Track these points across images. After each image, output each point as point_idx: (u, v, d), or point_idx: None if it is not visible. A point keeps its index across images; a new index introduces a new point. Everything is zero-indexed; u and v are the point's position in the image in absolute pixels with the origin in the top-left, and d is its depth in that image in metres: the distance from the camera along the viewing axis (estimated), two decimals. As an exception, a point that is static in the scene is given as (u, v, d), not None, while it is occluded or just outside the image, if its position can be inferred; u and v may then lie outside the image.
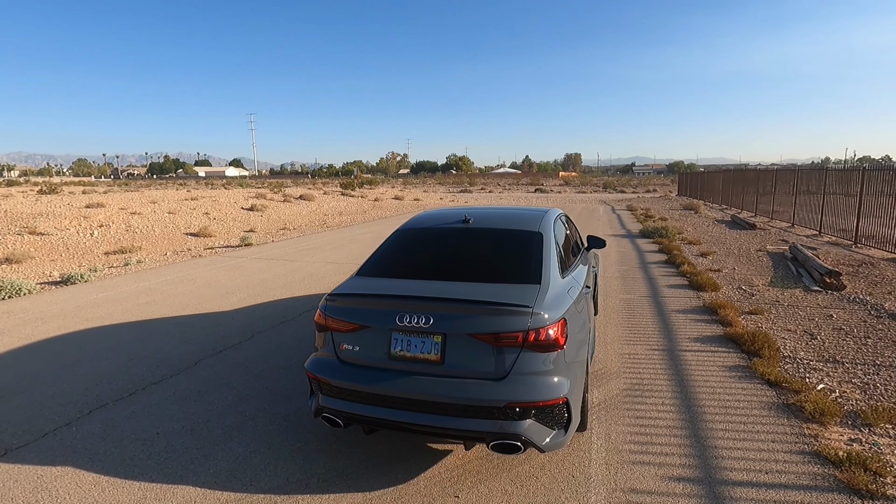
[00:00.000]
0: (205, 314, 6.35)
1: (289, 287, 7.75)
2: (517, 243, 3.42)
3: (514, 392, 2.57)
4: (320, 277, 8.42)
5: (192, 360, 4.79)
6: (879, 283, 7.87)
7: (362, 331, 2.87)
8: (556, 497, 2.73)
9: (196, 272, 9.06)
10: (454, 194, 38.73)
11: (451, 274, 3.19)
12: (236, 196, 24.34)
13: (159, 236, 13.85)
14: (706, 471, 2.93)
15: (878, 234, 11.52)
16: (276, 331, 5.65)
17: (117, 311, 6.52)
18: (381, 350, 2.83)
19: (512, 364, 2.63)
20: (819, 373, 4.35)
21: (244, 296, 7.25)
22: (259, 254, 11.04)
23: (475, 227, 3.65)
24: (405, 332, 2.77)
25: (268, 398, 3.99)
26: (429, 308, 2.75)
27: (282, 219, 19.08)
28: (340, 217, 20.24)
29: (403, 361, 2.77)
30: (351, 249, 11.39)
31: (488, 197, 35.20)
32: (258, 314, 6.31)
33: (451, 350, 2.70)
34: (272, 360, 4.79)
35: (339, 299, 3.01)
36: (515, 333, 2.62)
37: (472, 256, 3.39)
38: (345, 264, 9.56)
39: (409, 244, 3.66)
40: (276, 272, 8.91)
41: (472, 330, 2.66)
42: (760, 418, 3.53)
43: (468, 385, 2.63)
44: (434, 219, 3.97)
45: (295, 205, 23.33)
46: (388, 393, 2.73)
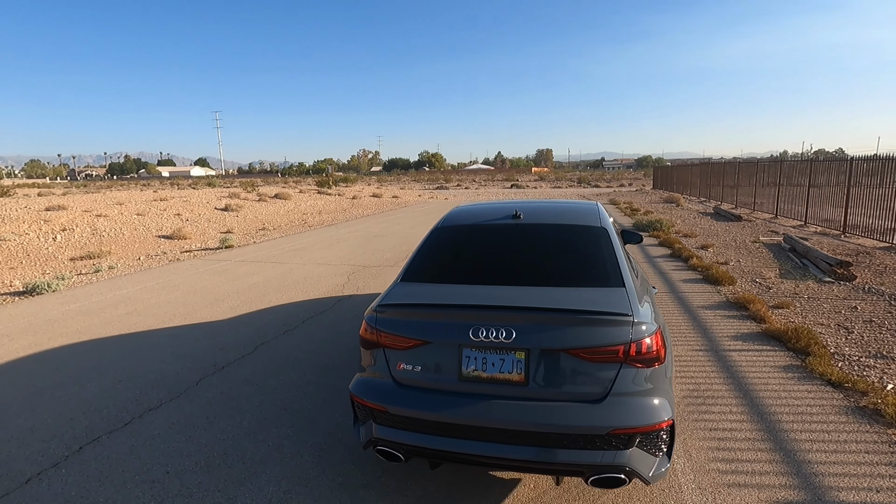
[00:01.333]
0: (197, 324, 5.75)
1: (284, 292, 7.18)
2: (582, 241, 3.03)
3: (617, 416, 2.18)
4: (316, 280, 7.87)
5: (193, 380, 4.23)
6: (885, 273, 7.85)
7: (425, 347, 2.43)
8: (655, 532, 2.37)
9: (178, 278, 8.36)
10: (431, 191, 38.25)
11: (515, 278, 2.78)
12: (208, 196, 23.26)
13: (129, 240, 12.93)
14: (812, 492, 2.62)
15: (863, 223, 11.70)
16: (281, 342, 5.11)
17: (96, 324, 5.84)
18: (449, 370, 2.39)
19: (611, 383, 2.24)
20: (873, 370, 4.13)
21: (236, 302, 6.65)
22: (243, 256, 10.36)
23: (527, 223, 3.24)
24: (480, 348, 2.35)
25: (289, 423, 3.49)
26: (510, 319, 2.33)
27: (259, 219, 18.24)
28: (321, 216, 19.51)
29: (478, 383, 2.35)
30: (341, 249, 10.83)
31: (467, 193, 34.84)
32: (257, 323, 5.75)
33: (536, 368, 2.29)
34: (284, 376, 4.27)
35: (393, 310, 2.55)
36: (616, 347, 2.23)
37: (533, 257, 2.98)
38: (339, 265, 9.01)
39: (454, 244, 3.23)
40: (265, 276, 8.30)
41: (563, 344, 2.25)
42: (841, 425, 3.26)
43: (560, 410, 2.23)
44: (474, 215, 3.55)
45: (271, 204, 22.43)
46: (460, 421, 2.30)
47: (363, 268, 8.75)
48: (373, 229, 14.32)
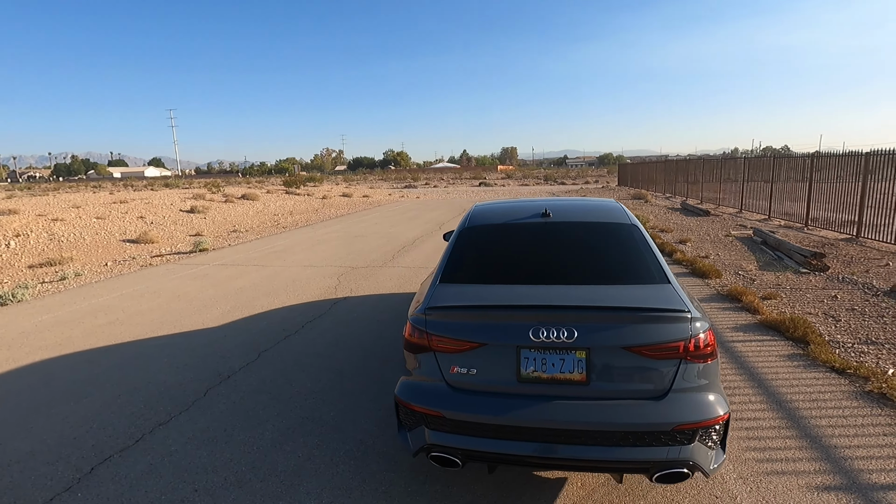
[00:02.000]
0: (189, 332, 5.48)
1: (274, 296, 6.95)
2: (617, 238, 3.06)
3: (680, 412, 2.20)
4: (305, 283, 7.66)
5: (199, 390, 4.03)
6: (852, 263, 8.32)
7: (481, 349, 2.38)
8: (709, 523, 2.41)
9: (156, 283, 7.97)
10: (400, 190, 38.00)
11: (558, 277, 2.77)
12: (171, 197, 22.32)
13: (91, 245, 12.25)
14: (847, 476, 2.72)
15: (823, 217, 12.37)
16: (284, 347, 4.94)
17: (76, 336, 5.49)
18: (507, 372, 2.36)
19: (672, 379, 2.26)
20: (868, 356, 4.36)
21: (226, 308, 6.39)
22: (221, 259, 9.98)
23: (559, 221, 3.24)
24: (539, 348, 2.32)
25: (315, 432, 3.37)
26: (570, 319, 2.31)
27: (228, 220, 17.66)
28: (292, 217, 19.05)
29: (538, 384, 2.32)
30: (324, 251, 10.59)
31: (437, 192, 34.79)
32: (253, 329, 5.54)
33: (597, 367, 2.28)
34: (297, 383, 4.13)
35: (444, 313, 2.49)
36: (677, 343, 2.25)
37: (571, 255, 2.98)
38: (325, 267, 8.81)
39: (487, 244, 3.18)
40: (250, 279, 8.02)
41: (625, 342, 2.26)
42: (854, 410, 3.41)
43: (623, 408, 2.23)
44: (501, 213, 3.52)
45: (239, 205, 21.74)
46: (520, 423, 2.27)
47: (351, 269, 8.59)
48: (351, 230, 14.09)
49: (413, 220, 15.99)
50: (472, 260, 3.04)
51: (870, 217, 10.50)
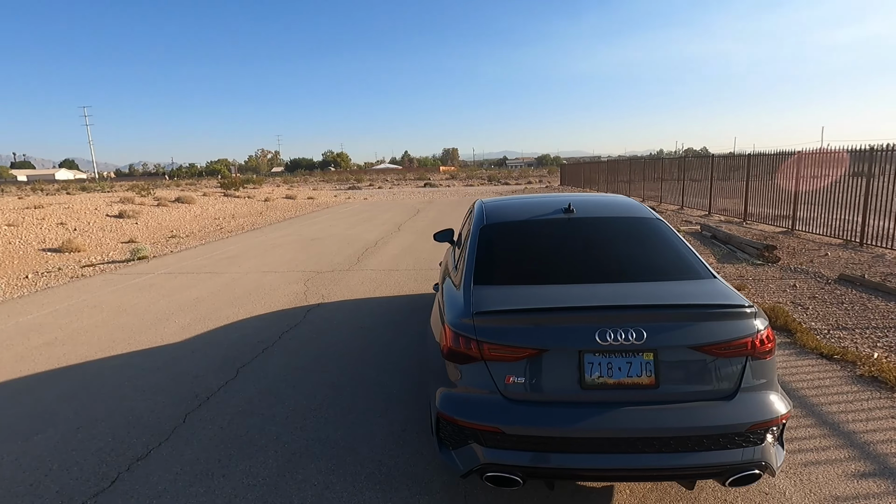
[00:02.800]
0: (148, 350, 4.88)
1: (238, 305, 6.39)
2: (648, 233, 2.97)
3: (752, 411, 2.12)
4: (269, 290, 7.12)
5: (176, 416, 3.55)
6: (796, 254, 8.92)
7: (541, 356, 2.18)
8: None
9: (93, 297, 7.12)
10: (344, 191, 37.08)
11: (600, 275, 2.63)
12: (95, 201, 20.41)
13: (4, 256, 10.86)
14: (876, 461, 2.78)
15: (758, 212, 13.28)
16: (264, 361, 4.50)
17: (6, 360, 4.73)
18: (569, 379, 2.17)
19: (740, 378, 2.17)
20: (845, 341, 4.59)
21: (186, 321, 5.79)
22: (166, 268, 9.12)
23: (584, 217, 3.11)
24: (604, 352, 2.16)
25: (326, 455, 3.03)
26: (637, 319, 2.16)
27: (164, 226, 16.37)
28: (236, 220, 17.96)
29: (604, 390, 2.16)
30: (281, 256, 9.97)
31: (383, 193, 34.21)
32: (224, 342, 5.03)
33: (666, 369, 2.15)
34: (291, 400, 3.74)
35: (497, 318, 2.26)
36: (745, 339, 2.17)
37: (606, 252, 2.86)
38: (288, 272, 8.26)
39: (513, 242, 3.00)
40: (207, 288, 7.36)
41: (693, 341, 2.14)
42: (857, 394, 3.54)
43: (695, 410, 2.12)
44: (519, 209, 3.34)
45: (174, 209, 20.25)
46: (587, 434, 2.10)
47: (317, 274, 8.11)
48: (305, 233, 13.43)
49: (369, 222, 15.53)
50: (503, 259, 2.84)
51: (802, 212, 11.35)
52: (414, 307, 6.05)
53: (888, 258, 8.19)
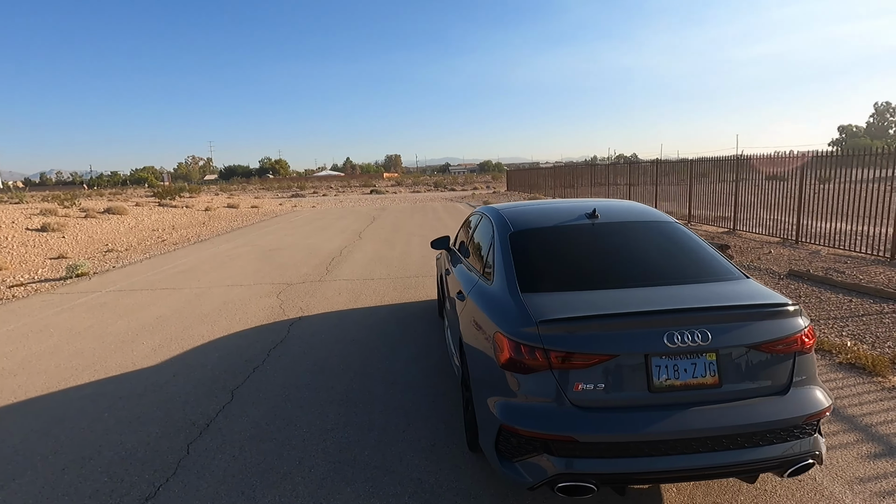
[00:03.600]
0: (120, 377, 4.45)
1: (210, 322, 5.98)
2: (670, 236, 3.06)
3: (805, 404, 2.23)
4: (241, 305, 6.72)
5: (177, 448, 3.24)
6: (743, 252, 9.60)
7: (609, 362, 2.18)
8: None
9: (36, 320, 6.40)
10: (289, 199, 35.92)
11: (645, 278, 2.68)
12: (11, 214, 18.48)
13: (-87, 276, 9.59)
14: (882, 443, 3.01)
15: (700, 214, 14.22)
16: (258, 381, 4.22)
17: (-48, 397, 4.14)
18: (638, 383, 2.19)
19: (791, 373, 2.28)
20: (816, 331, 4.97)
21: (155, 342, 5.33)
22: (112, 284, 8.39)
23: (608, 222, 3.17)
24: (670, 354, 2.19)
25: (360, 477, 2.86)
26: (702, 321, 2.21)
27: (97, 239, 15.12)
28: (178, 232, 16.88)
29: (671, 392, 2.19)
30: (243, 267, 9.46)
31: (328, 201, 33.42)
32: (206, 363, 4.67)
33: (727, 368, 2.22)
34: (301, 421, 3.52)
35: (564, 325, 2.24)
36: (795, 336, 2.28)
37: (641, 256, 2.92)
38: (256, 285, 7.84)
39: (545, 248, 2.99)
40: (168, 306, 6.83)
41: (750, 340, 2.22)
42: (845, 380, 3.83)
43: (757, 407, 2.19)
44: (538, 215, 3.35)
45: (104, 220, 18.74)
46: (657, 437, 2.12)
47: (287, 286, 7.76)
48: (260, 243, 12.83)
49: (326, 230, 15.09)
50: (541, 266, 2.84)
51: (741, 213, 12.26)
52: (401, 317, 5.92)
53: (823, 254, 8.99)
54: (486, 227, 3.66)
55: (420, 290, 7.13)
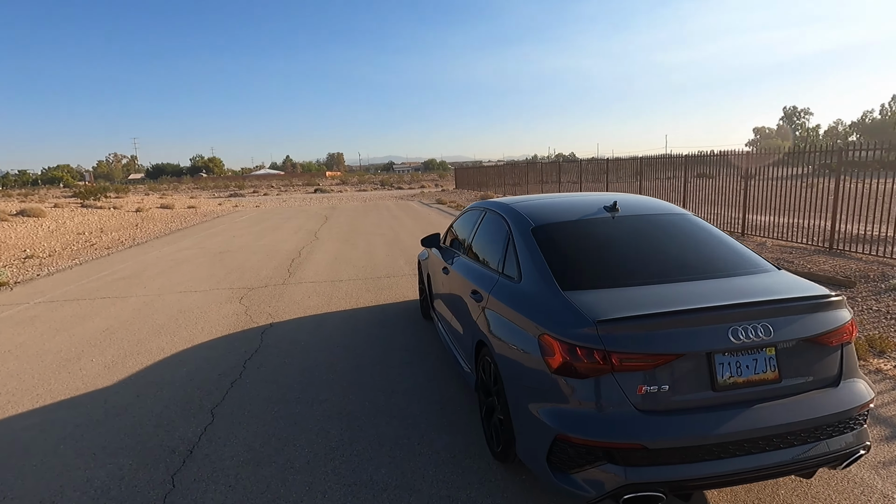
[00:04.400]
0: (70, 401, 3.87)
1: (169, 333, 5.40)
2: (693, 229, 3.01)
3: (855, 395, 2.21)
4: (200, 313, 6.14)
5: (160, 480, 2.81)
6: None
7: (674, 362, 2.06)
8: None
9: (-45, 338, 5.52)
10: (228, 199, 34.08)
11: (683, 272, 2.57)
12: None
13: None
14: (889, 425, 3.11)
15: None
16: (240, 397, 3.81)
17: None
18: (702, 382, 2.08)
19: (840, 364, 2.26)
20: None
21: (107, 359, 4.73)
22: (40, 295, 7.44)
23: (631, 215, 3.08)
24: (733, 351, 2.10)
25: (387, 500, 2.59)
26: (763, 315, 2.13)
27: (11, 244, 13.52)
28: (108, 235, 15.46)
29: (734, 390, 2.09)
30: (194, 272, 8.72)
31: (271, 200, 32.02)
32: (173, 380, 4.18)
33: (785, 362, 2.16)
34: (300, 442, 3.18)
35: (625, 325, 2.08)
36: (844, 327, 2.26)
37: (672, 249, 2.82)
38: (213, 290, 7.23)
39: (575, 243, 2.83)
40: (113, 317, 6.12)
41: (806, 333, 2.17)
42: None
43: (812, 400, 2.15)
44: (557, 209, 3.19)
45: (19, 224, 16.89)
46: (723, 438, 2.02)
47: (249, 290, 7.21)
48: (207, 245, 11.96)
49: (278, 231, 14.34)
50: (575, 262, 2.68)
51: (689, 209, 12.87)
52: (383, 320, 5.62)
53: (769, 245, 9.56)
54: (494, 222, 3.47)
55: (395, 291, 6.85)
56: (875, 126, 64.64)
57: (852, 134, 71.19)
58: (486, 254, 3.43)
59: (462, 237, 4.17)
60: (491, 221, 3.57)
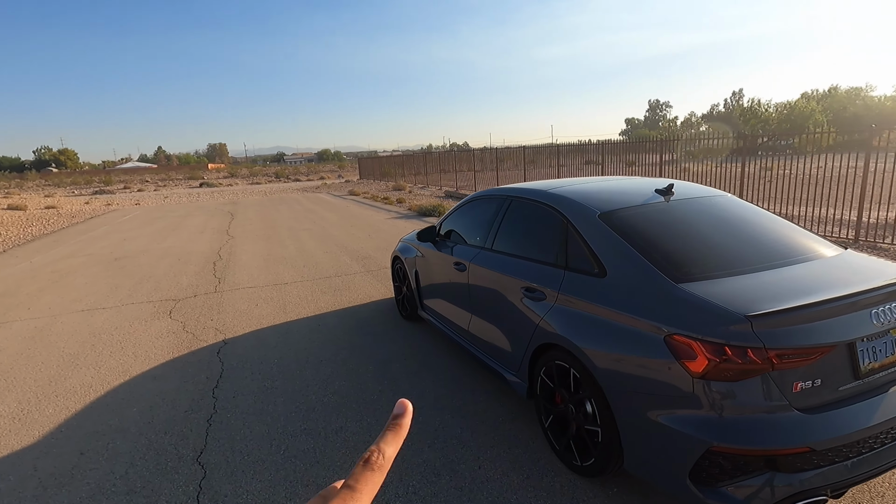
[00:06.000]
0: (13, 455, 2.85)
1: (93, 365, 4.32)
2: (745, 211, 2.93)
3: None
4: (124, 334, 5.02)
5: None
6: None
7: (825, 354, 1.90)
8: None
9: None
10: (95, 197, 29.52)
11: (773, 256, 2.42)
12: None
13: None
14: None
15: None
16: (229, 440, 3.09)
17: None
18: (847, 372, 1.95)
19: None
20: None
21: (10, 408, 3.62)
22: None
23: (691, 198, 2.93)
24: (871, 336, 1.99)
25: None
26: (890, 297, 2.06)
27: None
28: (-55, 244, 12.43)
29: (873, 376, 2.00)
30: (93, 285, 7.20)
31: (150, 197, 28.27)
32: (124, 426, 3.29)
33: None
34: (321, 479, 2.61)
35: (780, 318, 1.87)
36: None
37: (747, 233, 2.68)
38: (126, 306, 5.99)
39: (652, 230, 2.58)
40: (11, 343, 4.78)
41: None
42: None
43: None
44: (610, 195, 2.93)
45: None
46: (873, 429, 1.92)
47: (176, 302, 6.10)
48: (95, 251, 10.07)
49: (178, 231, 12.57)
50: (668, 251, 2.44)
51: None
52: (357, 325, 5.03)
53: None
54: (532, 210, 3.15)
55: (355, 292, 6.22)
56: (721, 117, 74.71)
57: (703, 124, 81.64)
58: (527, 246, 3.09)
59: (475, 230, 3.78)
60: (525, 210, 3.23)
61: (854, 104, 49.37)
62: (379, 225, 11.99)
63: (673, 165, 12.47)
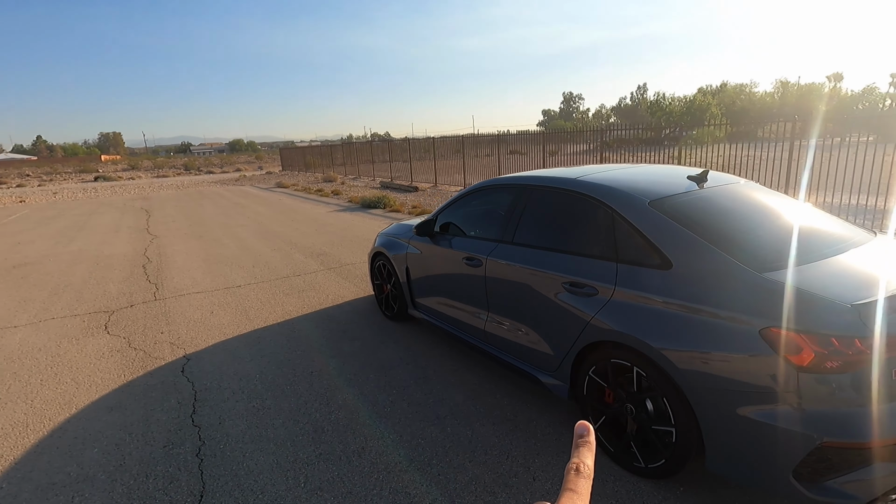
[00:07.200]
0: None
1: (20, 398, 3.55)
2: (779, 198, 2.94)
3: None
4: (53, 357, 4.20)
5: None
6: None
7: None
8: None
9: None
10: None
11: (828, 242, 2.42)
12: None
13: None
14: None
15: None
16: (232, 475, 2.63)
17: None
18: None
19: None
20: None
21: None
22: None
23: (718, 186, 2.87)
24: None
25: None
26: None
27: None
28: None
29: None
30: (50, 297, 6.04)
31: (38, 193, 24.71)
32: (90, 474, 2.70)
33: None
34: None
35: (883, 305, 1.83)
36: None
37: (790, 220, 2.65)
38: (50, 321, 5.06)
39: (706, 220, 2.47)
40: None
41: None
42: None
43: None
44: (647, 184, 2.78)
45: None
46: None
47: (110, 314, 5.25)
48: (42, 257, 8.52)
49: (88, 231, 11.01)
50: (734, 239, 2.36)
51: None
52: (338, 329, 4.60)
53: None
54: (562, 199, 2.96)
55: (321, 291, 5.73)
56: (628, 110, 79.77)
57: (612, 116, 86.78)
58: (561, 239, 2.89)
59: (487, 223, 3.53)
60: (552, 199, 3.03)
61: (741, 99, 54.82)
62: (323, 219, 11.31)
63: (590, 155, 13.20)
